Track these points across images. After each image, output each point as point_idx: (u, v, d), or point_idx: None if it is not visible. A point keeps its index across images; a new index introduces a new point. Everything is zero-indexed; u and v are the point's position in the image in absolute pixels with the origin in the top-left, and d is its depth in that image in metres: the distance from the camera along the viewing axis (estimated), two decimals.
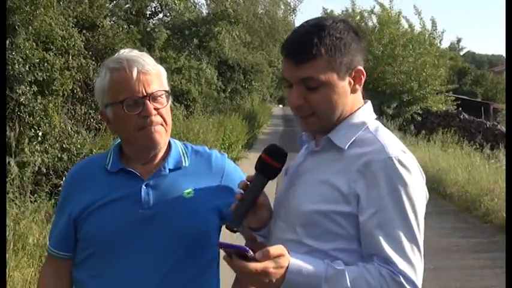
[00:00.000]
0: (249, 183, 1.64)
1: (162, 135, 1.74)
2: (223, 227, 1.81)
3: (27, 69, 7.04)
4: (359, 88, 1.60)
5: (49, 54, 7.49)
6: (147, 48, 12.04)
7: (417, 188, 1.51)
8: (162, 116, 1.73)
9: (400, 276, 1.44)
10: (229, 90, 22.42)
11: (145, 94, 1.70)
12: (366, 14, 24.35)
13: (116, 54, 1.78)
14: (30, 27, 7.19)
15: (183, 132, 11.44)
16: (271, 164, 1.63)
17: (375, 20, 24.09)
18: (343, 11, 24.94)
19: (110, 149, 1.86)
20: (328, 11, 25.15)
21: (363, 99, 1.66)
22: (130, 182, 1.75)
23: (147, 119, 1.70)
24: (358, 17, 24.16)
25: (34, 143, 7.03)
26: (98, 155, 2.22)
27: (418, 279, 1.47)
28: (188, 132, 11.89)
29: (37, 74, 7.18)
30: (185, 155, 1.83)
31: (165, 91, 1.76)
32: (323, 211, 1.51)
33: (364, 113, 1.62)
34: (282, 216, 1.63)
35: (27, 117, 7.03)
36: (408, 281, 1.45)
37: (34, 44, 7.27)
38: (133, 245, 1.71)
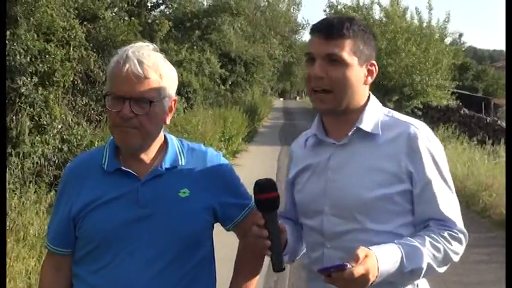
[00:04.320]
0: (264, 223, 1.67)
1: (137, 139, 1.73)
2: (215, 224, 1.88)
3: (28, 60, 7.04)
4: (370, 80, 1.79)
5: (50, 46, 7.49)
6: (148, 40, 12.00)
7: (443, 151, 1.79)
8: (141, 122, 1.70)
9: (459, 233, 1.71)
10: (230, 82, 22.35)
11: (126, 96, 1.68)
12: (374, 6, 24.09)
13: (130, 46, 1.76)
14: (31, 18, 7.18)
15: (181, 125, 11.45)
16: (269, 198, 1.68)
17: (378, 12, 23.90)
18: (346, 5, 24.66)
19: (105, 144, 1.86)
20: (335, 1, 24.92)
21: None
22: (127, 181, 1.76)
23: (122, 120, 1.69)
24: (365, 10, 23.95)
25: (34, 134, 7.04)
26: (94, 150, 2.16)
27: None
28: (187, 124, 11.90)
29: (38, 65, 7.19)
30: (181, 153, 1.84)
31: (150, 101, 1.68)
32: (385, 195, 1.68)
33: (376, 101, 1.82)
34: (329, 211, 1.74)
35: (28, 108, 7.03)
36: (465, 235, 1.73)
37: (35, 35, 7.26)
38: (130, 243, 1.74)
